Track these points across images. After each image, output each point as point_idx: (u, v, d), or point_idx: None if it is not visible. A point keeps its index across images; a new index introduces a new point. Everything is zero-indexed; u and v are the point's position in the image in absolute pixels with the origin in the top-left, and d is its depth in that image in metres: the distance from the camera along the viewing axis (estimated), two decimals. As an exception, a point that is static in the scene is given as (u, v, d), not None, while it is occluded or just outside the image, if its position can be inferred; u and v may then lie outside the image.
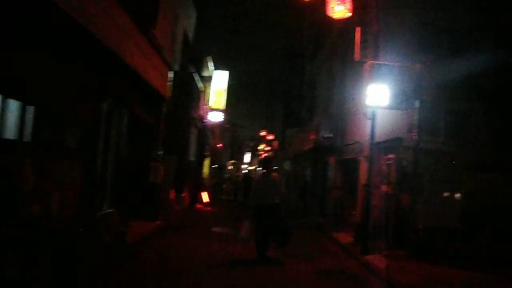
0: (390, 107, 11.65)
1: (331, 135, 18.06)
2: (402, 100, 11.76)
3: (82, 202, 8.66)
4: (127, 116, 11.48)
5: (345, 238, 13.66)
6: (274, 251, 10.00)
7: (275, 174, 10.82)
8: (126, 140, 11.75)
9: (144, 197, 13.00)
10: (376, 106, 11.54)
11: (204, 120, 24.13)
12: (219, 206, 22.60)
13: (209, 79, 27.74)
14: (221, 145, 46.87)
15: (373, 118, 11.80)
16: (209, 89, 27.86)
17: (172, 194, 15.93)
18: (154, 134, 13.56)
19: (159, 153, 13.60)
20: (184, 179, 18.46)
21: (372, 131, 11.79)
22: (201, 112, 24.39)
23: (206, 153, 28.31)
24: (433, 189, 12.26)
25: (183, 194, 18.74)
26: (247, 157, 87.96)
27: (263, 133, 57.84)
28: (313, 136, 19.50)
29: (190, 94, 19.32)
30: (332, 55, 19.49)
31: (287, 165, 34.05)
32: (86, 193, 8.87)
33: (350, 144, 15.37)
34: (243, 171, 67.08)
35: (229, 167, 66.68)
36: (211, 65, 26.70)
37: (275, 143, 48.17)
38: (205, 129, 23.89)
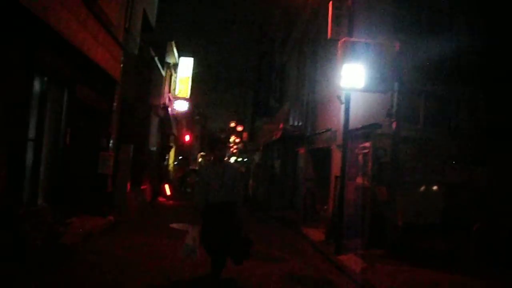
0: (366, 89, 10.44)
1: (301, 123, 16.85)
2: (379, 82, 10.56)
3: (6, 196, 7.25)
4: (69, 98, 9.96)
5: (317, 234, 12.48)
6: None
7: (229, 162, 9.68)
8: (70, 127, 10.23)
9: (93, 191, 11.59)
10: (351, 89, 10.32)
11: (167, 108, 22.66)
12: (182, 200, 21.18)
13: (174, 66, 26.34)
14: (188, 136, 45.43)
15: (347, 102, 10.57)
16: (175, 76, 26.44)
17: (128, 187, 14.53)
18: (104, 120, 12.08)
19: (110, 141, 12.12)
20: (143, 170, 17.04)
21: (346, 116, 10.56)
22: (165, 100, 22.93)
23: (170, 144, 26.86)
24: (413, 182, 11.18)
25: (143, 187, 17.32)
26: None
27: (232, 124, 56.58)
28: (282, 125, 18.25)
29: (150, 80, 17.85)
30: (303, 38, 18.21)
31: (256, 157, 32.81)
32: (10, 185, 7.45)
33: (322, 132, 14.15)
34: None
35: (199, 159, 65.25)
36: (175, 51, 25.21)
37: (245, 134, 46.90)
38: (168, 118, 22.42)
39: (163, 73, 22.13)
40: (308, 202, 15.63)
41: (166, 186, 19.86)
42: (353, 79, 10.13)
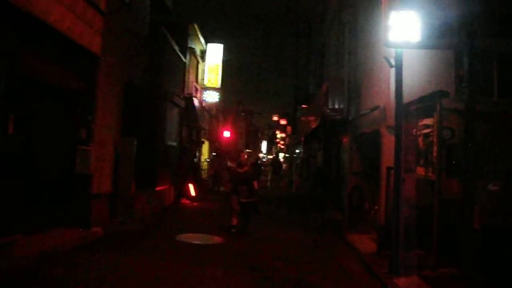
0: (423, 46, 7.65)
1: (342, 105, 13.96)
2: (440, 35, 7.70)
3: None
4: (11, 71, 7.36)
5: (365, 243, 9.73)
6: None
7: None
8: (14, 111, 7.64)
9: (70, 196, 9.17)
10: (403, 45, 7.45)
11: (192, 99, 20.15)
12: (210, 201, 18.63)
13: (202, 54, 23.91)
14: (228, 132, 43.02)
15: (398, 65, 7.70)
16: (203, 65, 23.99)
17: (132, 188, 12.08)
18: (82, 106, 9.58)
19: (92, 132, 9.62)
20: (159, 168, 14.55)
21: (399, 84, 7.69)
22: (189, 90, 20.45)
23: (201, 139, 24.37)
24: (493, 172, 8.25)
25: (160, 188, 14.84)
26: (264, 146, 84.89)
27: (275, 118, 53.85)
28: (320, 111, 15.41)
29: (166, 65, 15.34)
30: (341, 6, 15.31)
31: (299, 151, 30.03)
32: None
33: (367, 113, 11.24)
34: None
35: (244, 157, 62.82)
36: (201, 37, 22.72)
37: (288, 128, 44.12)
38: (193, 110, 19.90)
39: (187, 59, 19.65)
40: (354, 201, 12.77)
41: (190, 186, 17.31)
42: (405, 32, 7.29)
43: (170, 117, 16.01)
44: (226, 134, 42.82)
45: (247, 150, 66.83)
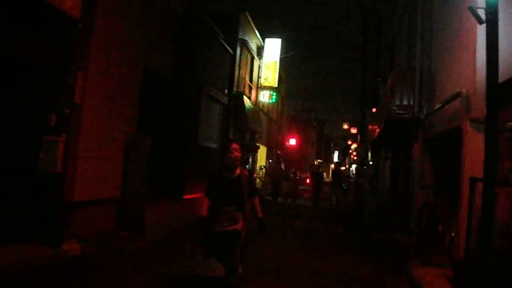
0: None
1: (412, 101, 11.09)
2: None
3: None
4: None
5: (438, 285, 6.91)
6: None
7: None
8: None
9: (30, 202, 7.00)
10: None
11: (242, 97, 17.85)
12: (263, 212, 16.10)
13: (259, 50, 21.65)
14: (294, 140, 40.63)
15: (492, 19, 4.96)
16: (258, 62, 21.70)
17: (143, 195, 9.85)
18: (49, 83, 7.37)
19: (62, 120, 7.39)
20: (186, 173, 12.26)
21: (492, 50, 4.96)
22: (240, 89, 18.18)
23: (255, 144, 21.99)
24: None
25: (189, 196, 12.56)
26: (336, 156, 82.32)
27: (345, 127, 50.74)
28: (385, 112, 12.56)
29: (201, 54, 13.08)
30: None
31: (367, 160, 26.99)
32: None
33: (444, 105, 8.37)
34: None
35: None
36: (257, 32, 20.44)
37: (359, 138, 41.06)
38: (242, 110, 17.58)
39: (237, 53, 17.41)
40: (424, 221, 9.91)
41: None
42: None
43: (207, 114, 13.72)
44: (292, 141, 40.41)
45: (319, 160, 64.29)
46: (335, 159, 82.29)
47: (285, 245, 10.59)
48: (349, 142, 58.95)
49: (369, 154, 23.13)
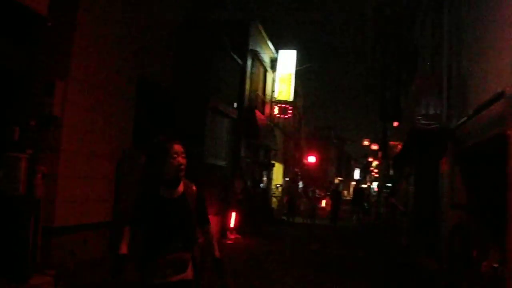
0: None
1: (439, 110, 9.89)
2: None
3: None
4: None
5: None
6: None
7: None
8: None
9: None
10: None
11: (253, 111, 16.78)
12: (267, 237, 14.92)
13: (272, 62, 20.63)
14: (314, 157, 39.44)
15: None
16: (272, 75, 20.67)
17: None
18: (13, 92, 6.32)
19: (28, 134, 6.31)
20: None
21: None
22: (253, 102, 17.15)
23: (270, 161, 20.82)
24: None
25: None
26: (357, 174, 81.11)
27: (366, 143, 49.30)
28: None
29: (206, 65, 12.02)
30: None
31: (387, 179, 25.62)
32: None
33: (481, 110, 7.14)
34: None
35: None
36: (270, 43, 19.43)
37: (379, 154, 39.67)
38: (254, 125, 16.49)
39: (247, 64, 16.39)
40: (456, 246, 8.65)
41: (233, 216, 13.63)
42: None
43: (214, 129, 12.65)
44: (311, 159, 39.16)
45: (339, 178, 62.93)
46: (356, 176, 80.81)
47: (298, 274, 9.38)
48: (370, 159, 57.67)
49: (391, 170, 21.79)
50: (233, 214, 13.39)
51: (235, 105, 14.34)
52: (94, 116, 7.81)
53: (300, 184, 30.01)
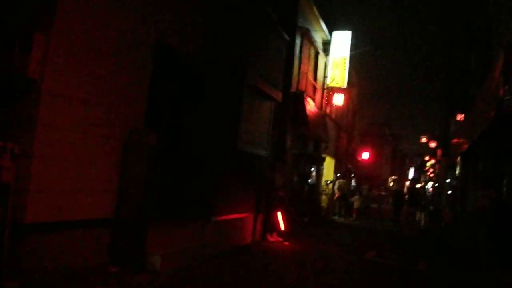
0: None
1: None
2: None
3: None
4: None
5: None
6: None
7: None
8: None
9: None
10: None
11: (302, 96, 14.81)
12: (316, 239, 13.01)
13: (325, 45, 18.60)
14: (368, 153, 37.08)
15: None
16: (326, 59, 18.64)
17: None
18: None
19: None
20: (219, 187, 9.29)
21: None
22: (302, 86, 15.21)
23: (320, 154, 18.75)
24: None
25: (229, 217, 9.65)
26: (411, 173, 77.89)
27: (424, 140, 46.17)
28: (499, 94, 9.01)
29: (244, 36, 10.10)
30: None
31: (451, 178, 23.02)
32: None
33: None
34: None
35: (391, 183, 57.41)
36: (322, 23, 17.39)
37: (439, 152, 36.93)
38: (303, 112, 14.53)
39: (297, 43, 14.44)
40: None
41: (279, 216, 11.80)
42: None
43: (253, 112, 10.75)
44: (365, 155, 36.82)
45: (393, 177, 60.32)
46: (410, 175, 77.54)
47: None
48: (426, 158, 54.91)
49: (458, 168, 19.23)
50: (280, 215, 11.55)
51: (280, 87, 12.37)
52: (89, 85, 6.06)
53: (353, 182, 27.88)
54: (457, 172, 19.04)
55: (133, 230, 6.73)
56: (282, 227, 11.81)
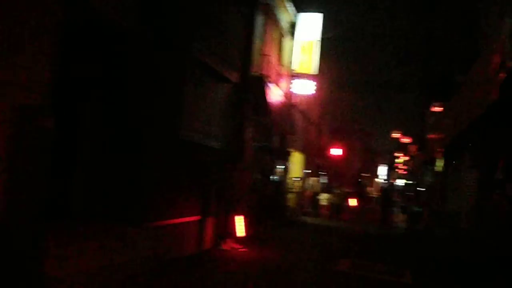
0: None
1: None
2: None
3: None
4: None
5: None
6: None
7: None
8: None
9: None
10: None
11: (264, 83, 12.97)
12: (279, 244, 11.30)
13: (292, 26, 16.91)
14: (341, 150, 35.48)
15: None
16: (290, 42, 16.90)
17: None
18: None
19: None
20: (151, 184, 7.41)
21: None
22: (264, 70, 13.40)
23: (285, 148, 16.95)
24: None
25: (167, 222, 7.77)
26: (381, 171, 77.01)
27: (395, 135, 44.96)
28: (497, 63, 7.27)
29: (191, 8, 8.27)
30: None
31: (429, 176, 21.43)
32: None
33: None
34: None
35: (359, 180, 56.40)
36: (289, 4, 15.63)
37: (412, 148, 35.75)
38: (263, 99, 12.70)
39: (256, 18, 12.57)
40: None
41: (237, 220, 9.99)
42: None
43: (201, 94, 8.88)
44: (336, 152, 35.11)
45: (363, 174, 59.13)
46: (382, 173, 76.77)
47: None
48: (395, 154, 54.48)
49: (437, 164, 17.61)
50: (238, 219, 9.75)
51: (238, 70, 10.53)
52: None
53: (321, 179, 26.22)
54: (436, 168, 17.43)
55: (23, 239, 4.82)
56: (241, 232, 9.95)
